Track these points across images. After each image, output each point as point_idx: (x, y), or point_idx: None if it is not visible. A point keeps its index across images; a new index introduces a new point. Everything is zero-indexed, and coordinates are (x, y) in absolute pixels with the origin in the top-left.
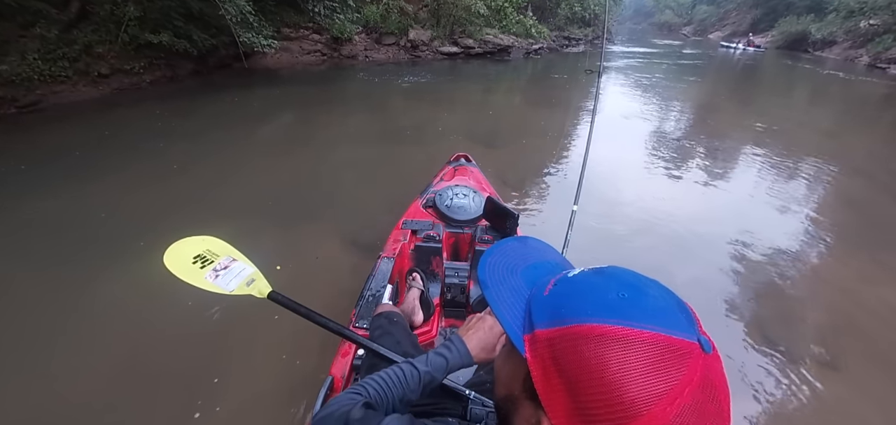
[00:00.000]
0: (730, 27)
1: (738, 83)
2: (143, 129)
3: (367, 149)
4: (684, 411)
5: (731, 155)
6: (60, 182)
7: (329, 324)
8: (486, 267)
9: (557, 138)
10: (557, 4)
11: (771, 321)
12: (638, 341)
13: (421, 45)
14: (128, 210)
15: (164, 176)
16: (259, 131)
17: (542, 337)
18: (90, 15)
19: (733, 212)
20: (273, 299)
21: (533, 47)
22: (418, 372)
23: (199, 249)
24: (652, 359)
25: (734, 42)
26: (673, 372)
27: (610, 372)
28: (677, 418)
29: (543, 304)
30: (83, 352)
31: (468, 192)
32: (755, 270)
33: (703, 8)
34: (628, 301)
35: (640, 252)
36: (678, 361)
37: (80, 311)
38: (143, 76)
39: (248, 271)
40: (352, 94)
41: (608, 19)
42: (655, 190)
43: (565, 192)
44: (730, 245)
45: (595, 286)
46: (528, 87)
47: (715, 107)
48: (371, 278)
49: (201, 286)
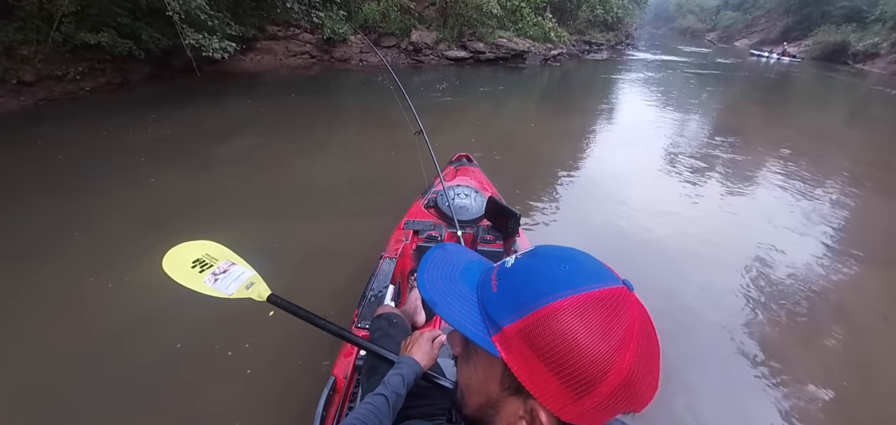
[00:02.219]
0: (758, 35)
1: (782, 96)
2: (34, 160)
3: (331, 199)
4: (639, 345)
5: (759, 170)
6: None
7: (329, 327)
8: (426, 285)
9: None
10: (578, 6)
11: (789, 345)
12: (592, 302)
13: (424, 49)
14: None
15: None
16: (214, 157)
17: (513, 331)
18: (14, 9)
19: (759, 231)
20: (272, 302)
21: (551, 53)
22: (386, 398)
23: (198, 253)
24: (606, 313)
25: (766, 51)
26: (622, 318)
27: (582, 336)
28: (636, 351)
29: (498, 302)
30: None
31: (470, 193)
32: (775, 292)
33: (729, 14)
34: (570, 271)
35: (655, 262)
36: (621, 307)
37: None
38: (81, 83)
39: (248, 274)
40: (332, 108)
41: (630, 23)
42: (678, 201)
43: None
44: (749, 263)
45: (539, 268)
46: (550, 107)
47: (766, 122)
48: (373, 279)
49: (200, 290)
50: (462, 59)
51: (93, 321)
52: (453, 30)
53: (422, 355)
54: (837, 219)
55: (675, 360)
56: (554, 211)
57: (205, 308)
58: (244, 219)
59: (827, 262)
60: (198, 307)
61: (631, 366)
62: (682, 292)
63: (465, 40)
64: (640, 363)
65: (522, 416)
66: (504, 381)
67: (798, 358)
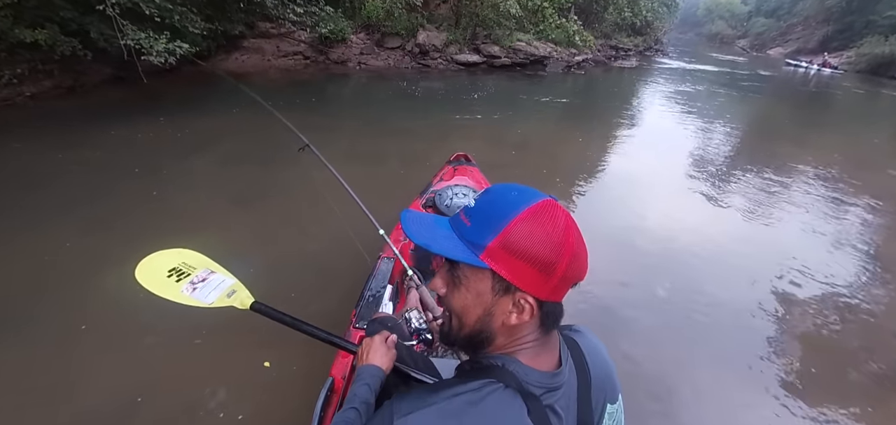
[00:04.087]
0: (794, 43)
1: (824, 112)
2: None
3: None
4: (573, 231)
5: (797, 189)
6: None
7: (318, 333)
8: (416, 236)
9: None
10: (605, 8)
11: (818, 370)
12: (539, 209)
13: (432, 51)
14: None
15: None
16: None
17: (495, 245)
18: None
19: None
20: (256, 310)
21: (575, 59)
22: (356, 410)
23: (174, 262)
24: (549, 214)
25: (804, 61)
26: (558, 216)
27: (541, 233)
28: (574, 234)
29: (476, 230)
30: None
31: (468, 192)
32: (804, 312)
33: (762, 20)
34: (520, 194)
35: (682, 277)
36: (556, 209)
37: None
38: (20, 88)
39: (228, 282)
40: (316, 120)
41: (660, 27)
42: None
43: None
44: (777, 282)
45: (498, 199)
46: (595, 126)
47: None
48: (371, 279)
49: (178, 301)
50: (474, 63)
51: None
52: (466, 31)
53: (379, 358)
54: (878, 250)
55: (692, 366)
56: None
57: (192, 318)
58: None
59: (861, 291)
60: (185, 315)
61: (574, 245)
62: (709, 301)
63: (478, 43)
64: (577, 243)
65: (512, 309)
66: (494, 287)
67: (825, 381)
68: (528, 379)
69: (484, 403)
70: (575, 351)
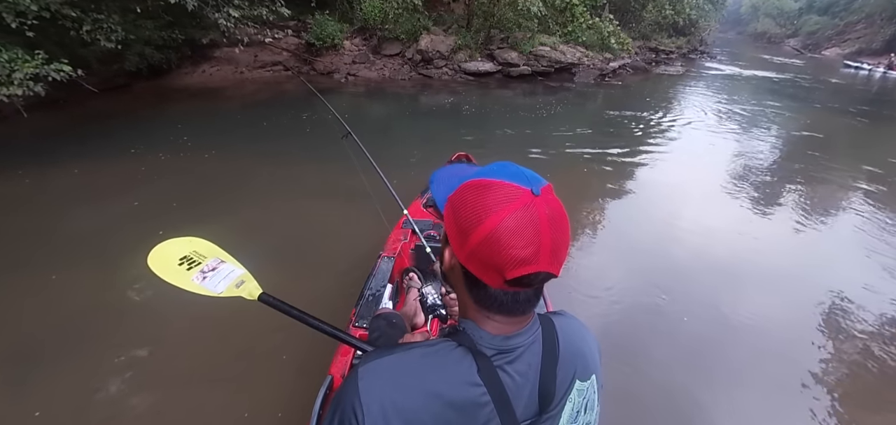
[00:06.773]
0: (853, 43)
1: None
2: None
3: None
4: (505, 218)
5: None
6: None
7: (323, 327)
8: (440, 200)
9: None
10: (643, 5)
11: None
12: (479, 185)
13: (436, 59)
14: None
15: None
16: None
17: (448, 199)
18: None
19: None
20: (264, 301)
21: (610, 66)
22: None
23: (186, 251)
24: (482, 191)
25: (866, 63)
26: (492, 196)
27: (469, 200)
28: (501, 221)
29: (445, 191)
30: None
31: None
32: (848, 337)
33: (814, 18)
34: (473, 172)
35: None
36: (493, 190)
37: None
38: None
39: (238, 273)
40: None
41: (705, 27)
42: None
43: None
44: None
45: (456, 171)
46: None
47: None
48: (371, 277)
49: (188, 288)
50: (486, 73)
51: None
52: (479, 34)
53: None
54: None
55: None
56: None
57: (196, 308)
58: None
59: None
60: (188, 305)
61: (494, 228)
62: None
63: (493, 48)
64: (505, 232)
65: (448, 257)
66: (446, 237)
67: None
68: (482, 340)
69: (436, 356)
70: (548, 327)
